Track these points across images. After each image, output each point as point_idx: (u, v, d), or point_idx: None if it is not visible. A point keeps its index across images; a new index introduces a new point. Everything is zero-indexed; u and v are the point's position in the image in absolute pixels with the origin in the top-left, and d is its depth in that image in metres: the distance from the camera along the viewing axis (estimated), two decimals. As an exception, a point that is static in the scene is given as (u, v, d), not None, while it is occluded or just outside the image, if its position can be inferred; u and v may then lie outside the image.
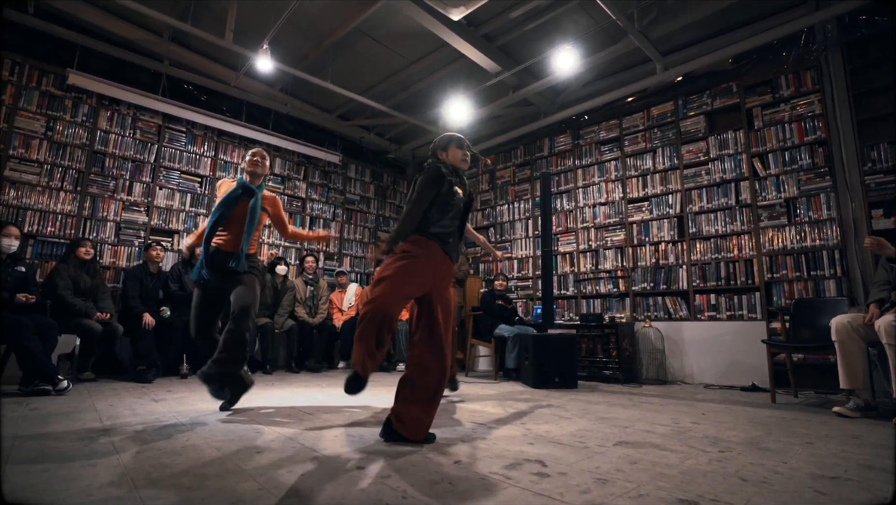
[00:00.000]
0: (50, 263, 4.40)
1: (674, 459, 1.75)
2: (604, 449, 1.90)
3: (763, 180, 4.37)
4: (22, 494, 1.32)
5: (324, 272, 6.27)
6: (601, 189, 5.49)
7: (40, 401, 2.82)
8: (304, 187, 6.42)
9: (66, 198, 4.57)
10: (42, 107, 4.53)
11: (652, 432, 2.24)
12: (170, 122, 5.32)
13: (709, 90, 4.81)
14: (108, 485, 1.40)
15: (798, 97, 4.26)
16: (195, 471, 1.54)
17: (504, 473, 1.58)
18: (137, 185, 5.02)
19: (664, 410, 2.90)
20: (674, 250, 4.83)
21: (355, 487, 1.42)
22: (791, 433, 2.25)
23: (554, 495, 1.36)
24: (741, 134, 4.55)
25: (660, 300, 4.84)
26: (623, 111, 5.42)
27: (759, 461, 1.74)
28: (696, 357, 4.48)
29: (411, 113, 6.17)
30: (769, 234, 4.28)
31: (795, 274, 4.09)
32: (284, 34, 4.58)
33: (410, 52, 5.18)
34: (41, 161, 4.47)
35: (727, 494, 1.37)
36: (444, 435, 2.18)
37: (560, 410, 2.87)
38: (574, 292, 5.50)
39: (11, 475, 1.46)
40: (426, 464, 1.68)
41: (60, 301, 3.69)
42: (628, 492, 1.39)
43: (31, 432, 2.04)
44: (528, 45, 4.93)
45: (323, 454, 1.79)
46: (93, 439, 1.94)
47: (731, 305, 4.41)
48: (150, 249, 4.43)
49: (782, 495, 1.37)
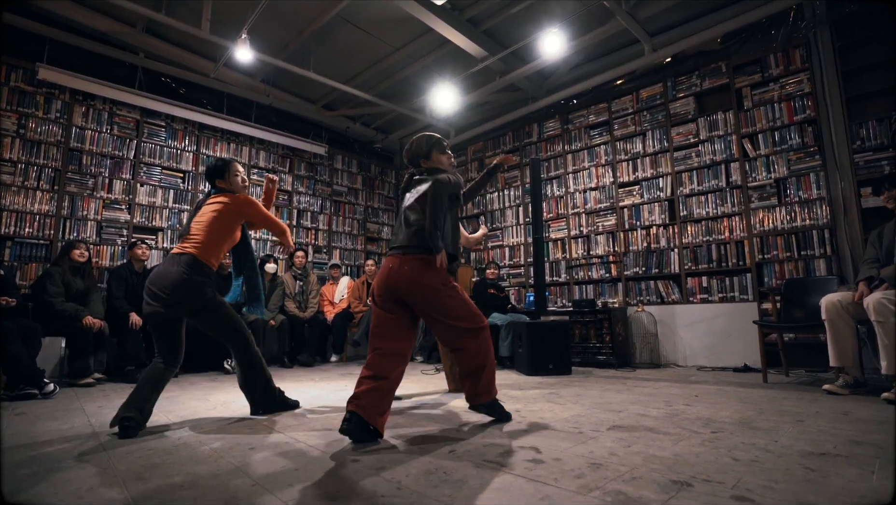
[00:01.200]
0: (30, 266, 4.29)
1: (667, 442, 1.76)
2: (597, 434, 1.91)
3: (753, 161, 4.35)
4: (8, 499, 1.31)
5: (313, 266, 6.19)
6: (591, 174, 5.45)
7: (27, 405, 2.80)
8: (290, 180, 6.31)
9: (43, 197, 4.44)
10: (12, 104, 4.38)
11: (645, 416, 2.25)
12: (148, 116, 5.17)
13: (698, 71, 4.76)
14: (99, 486, 1.39)
15: (787, 76, 4.22)
16: (187, 469, 1.54)
17: (499, 460, 1.58)
18: (117, 182, 4.90)
19: (657, 394, 2.92)
20: (665, 234, 4.82)
21: (350, 480, 1.42)
22: (782, 412, 2.27)
23: (549, 481, 1.37)
24: (731, 115, 4.51)
25: (652, 284, 4.84)
26: (612, 94, 5.36)
27: (750, 440, 1.75)
28: (689, 340, 4.50)
29: (397, 101, 6.06)
30: (760, 215, 4.27)
31: (786, 254, 4.09)
32: (263, 23, 4.45)
33: (394, 39, 5.07)
34: (14, 160, 4.33)
35: (719, 474, 1.38)
36: (438, 425, 2.17)
37: (554, 397, 2.88)
38: (566, 279, 5.49)
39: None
40: (420, 454, 1.68)
41: (49, 307, 3.59)
42: (622, 475, 1.40)
43: (18, 437, 2.01)
44: (514, 29, 4.84)
45: (317, 449, 1.78)
46: (82, 441, 1.92)
47: (722, 287, 4.41)
48: (136, 248, 4.33)
49: (773, 473, 1.38)
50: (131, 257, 4.32)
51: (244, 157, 5.88)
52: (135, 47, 4.89)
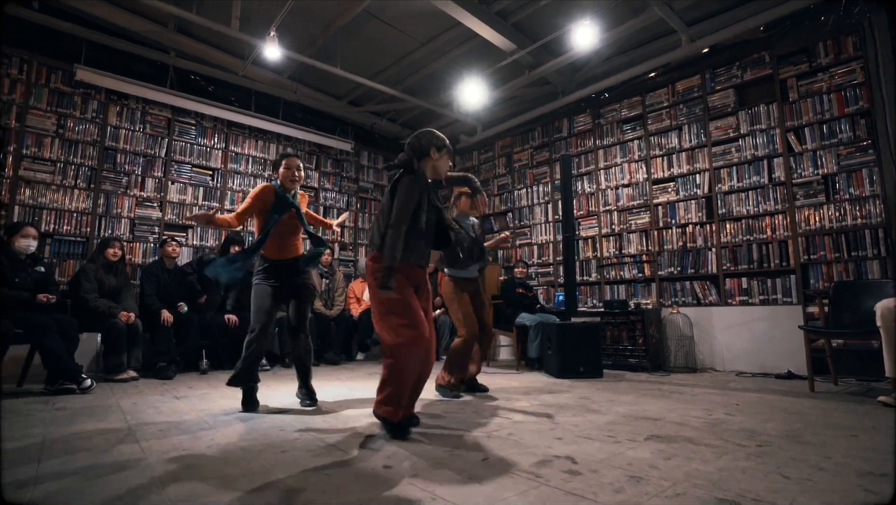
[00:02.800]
0: (68, 263, 4.41)
1: (709, 455, 1.68)
2: (635, 444, 1.84)
3: (799, 156, 4.12)
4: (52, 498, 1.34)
5: (339, 263, 6.20)
6: (624, 170, 5.27)
7: (66, 399, 2.89)
8: (316, 176, 6.33)
9: (80, 195, 4.56)
10: (52, 104, 4.50)
11: (684, 425, 2.17)
12: (179, 114, 5.25)
13: (738, 61, 4.53)
14: (138, 487, 1.41)
15: (837, 65, 3.97)
16: (222, 471, 1.55)
17: (533, 470, 1.54)
18: (149, 180, 4.99)
19: (695, 401, 2.82)
20: (702, 232, 4.62)
21: (383, 487, 1.41)
22: (833, 425, 2.14)
23: (587, 495, 1.32)
24: (774, 107, 4.28)
25: (688, 285, 4.65)
26: (646, 87, 5.16)
27: (800, 456, 1.66)
28: (728, 344, 4.31)
29: (424, 97, 5.99)
30: (805, 213, 4.04)
31: (835, 255, 3.86)
32: (291, 19, 4.44)
33: (421, 33, 4.99)
34: (54, 159, 4.46)
35: (769, 493, 1.30)
36: (469, 430, 2.15)
37: (587, 402, 2.81)
38: (597, 278, 5.34)
39: (44, 478, 1.49)
40: (453, 462, 1.65)
41: (84, 303, 3.69)
42: (664, 491, 1.33)
43: (59, 433, 2.06)
44: (543, 22, 4.70)
45: (348, 452, 1.77)
46: (119, 440, 1.96)
47: (764, 288, 4.20)
48: (166, 245, 4.40)
49: (829, 495, 1.29)
50: (162, 255, 4.40)
51: (271, 154, 5.92)
52: (166, 46, 4.96)
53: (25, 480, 1.46)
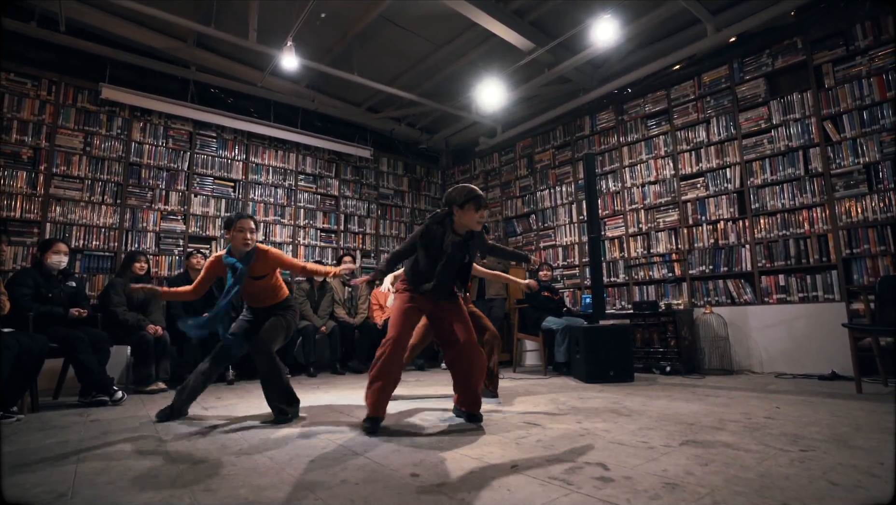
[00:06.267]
0: (98, 277, 4.49)
1: (749, 460, 1.60)
2: (670, 449, 1.77)
3: (837, 145, 3.92)
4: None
5: (362, 271, 6.19)
6: (650, 167, 5.11)
7: (99, 411, 2.95)
8: (336, 185, 6.34)
9: (107, 211, 4.65)
10: (79, 123, 4.61)
11: (721, 429, 2.08)
12: (200, 128, 5.32)
13: (769, 49, 4.34)
14: (171, 497, 1.42)
15: (877, 47, 3.76)
16: (251, 482, 1.54)
17: (564, 477, 1.49)
18: (173, 193, 5.07)
19: (732, 404, 2.70)
20: (734, 229, 4.43)
21: (412, 496, 1.38)
22: (884, 429, 2.01)
23: (620, 502, 1.27)
24: (809, 95, 4.08)
25: (721, 284, 4.47)
26: (670, 81, 5.00)
27: (849, 462, 1.54)
28: (765, 344, 4.12)
29: (442, 100, 5.95)
30: (846, 204, 3.84)
31: (880, 248, 3.65)
32: (308, 29, 4.45)
33: (437, 36, 4.95)
34: (82, 176, 4.56)
35: (816, 501, 1.22)
36: (498, 436, 2.10)
37: (618, 406, 2.72)
38: (625, 279, 5.19)
39: (80, 488, 1.51)
40: (482, 470, 1.61)
41: (113, 317, 3.76)
42: (702, 498, 1.27)
43: (93, 443, 2.11)
44: (562, 18, 4.60)
45: (375, 462, 1.74)
46: (151, 451, 1.97)
47: (803, 285, 4.00)
48: (192, 258, 4.45)
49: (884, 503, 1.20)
50: (188, 267, 4.45)
51: (291, 164, 5.95)
52: (186, 61, 5.04)
53: (63, 491, 1.49)
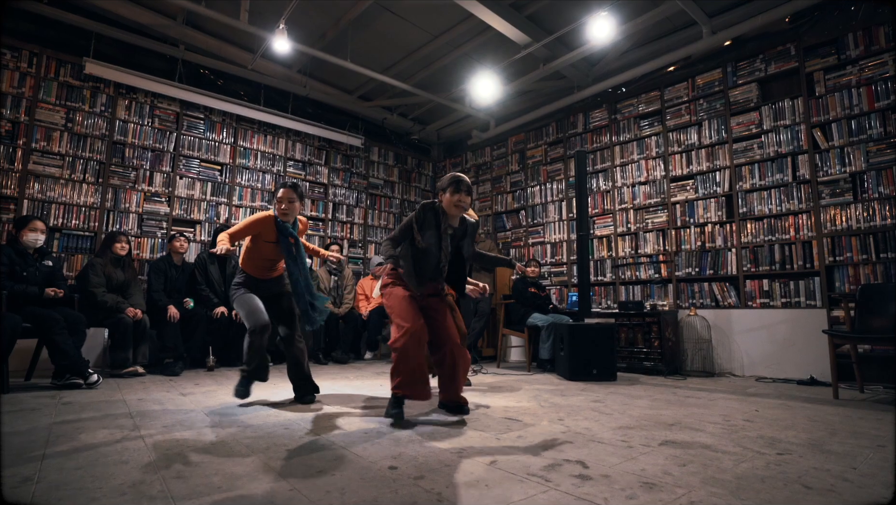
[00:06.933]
0: (77, 257, 4.39)
1: (727, 462, 1.63)
2: (649, 449, 1.79)
3: (825, 153, 3.95)
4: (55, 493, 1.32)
5: (348, 261, 6.13)
6: (641, 167, 5.12)
7: (72, 394, 2.89)
8: (325, 172, 6.26)
9: (88, 190, 4.53)
10: (61, 98, 4.47)
11: (701, 431, 2.11)
12: (187, 108, 5.20)
13: (762, 54, 4.36)
14: (140, 483, 1.40)
15: (868, 57, 3.79)
16: (225, 470, 1.53)
17: (543, 474, 1.51)
18: (158, 174, 4.95)
19: (713, 406, 2.74)
20: (722, 232, 4.47)
21: (388, 488, 1.39)
22: (858, 434, 2.06)
23: (598, 500, 1.29)
24: (800, 102, 4.11)
25: (706, 286, 4.50)
26: (664, 82, 5.01)
27: (823, 466, 1.58)
28: (747, 348, 4.17)
29: (436, 91, 5.89)
30: (831, 212, 3.88)
31: (862, 257, 3.70)
32: (301, 12, 4.36)
33: (433, 26, 4.88)
34: (63, 153, 4.43)
35: (790, 504, 1.25)
36: (478, 431, 2.10)
37: (599, 405, 2.73)
38: (612, 278, 5.21)
39: (47, 472, 1.48)
40: (460, 464, 1.62)
41: (92, 298, 3.67)
42: (678, 498, 1.29)
43: (64, 428, 2.05)
44: (559, 14, 4.57)
45: (354, 453, 1.73)
46: (124, 436, 1.94)
47: (786, 291, 4.05)
48: (174, 241, 4.37)
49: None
50: (170, 250, 4.36)
51: (280, 149, 5.86)
52: (175, 40, 4.91)
53: (30, 475, 1.45)
